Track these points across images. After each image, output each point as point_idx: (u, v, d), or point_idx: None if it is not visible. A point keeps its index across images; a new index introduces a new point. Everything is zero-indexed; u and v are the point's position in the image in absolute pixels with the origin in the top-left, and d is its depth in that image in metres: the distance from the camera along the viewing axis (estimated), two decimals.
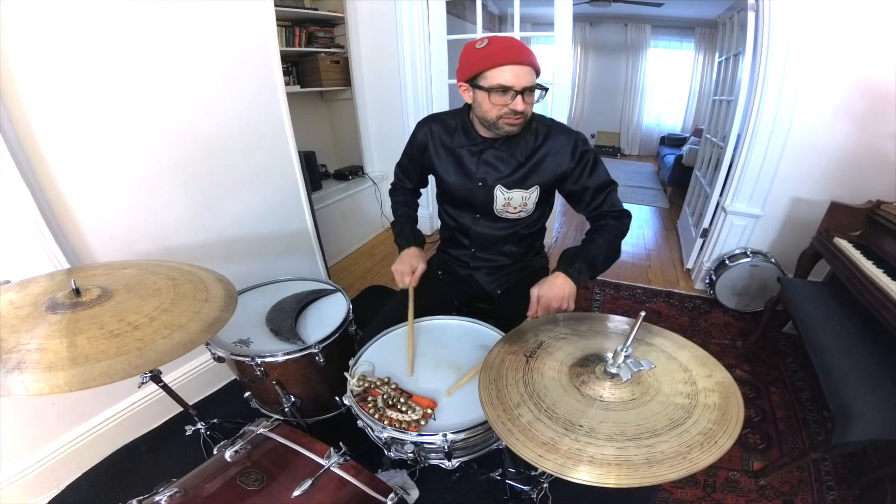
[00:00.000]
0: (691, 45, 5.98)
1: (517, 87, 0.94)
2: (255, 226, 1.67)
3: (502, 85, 0.93)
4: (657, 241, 3.26)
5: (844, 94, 1.77)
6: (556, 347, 0.80)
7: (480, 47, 0.95)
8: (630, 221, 1.12)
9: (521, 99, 0.95)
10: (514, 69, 0.93)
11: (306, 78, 2.80)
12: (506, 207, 1.15)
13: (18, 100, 1.01)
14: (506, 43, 0.94)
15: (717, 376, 0.72)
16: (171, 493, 0.71)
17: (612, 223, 1.09)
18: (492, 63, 0.93)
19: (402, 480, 1.12)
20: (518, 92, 0.94)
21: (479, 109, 1.02)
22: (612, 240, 1.08)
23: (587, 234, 1.12)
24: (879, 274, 1.28)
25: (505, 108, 0.97)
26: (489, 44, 0.95)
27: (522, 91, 0.94)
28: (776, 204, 2.08)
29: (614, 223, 1.10)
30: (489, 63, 0.94)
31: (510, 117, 0.98)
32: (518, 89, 0.94)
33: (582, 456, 0.57)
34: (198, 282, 0.92)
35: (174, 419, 1.52)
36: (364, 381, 0.89)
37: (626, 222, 1.11)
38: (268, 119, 1.63)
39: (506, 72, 0.93)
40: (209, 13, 1.34)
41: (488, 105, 0.98)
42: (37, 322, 0.72)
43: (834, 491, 1.28)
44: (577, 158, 1.08)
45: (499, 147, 1.09)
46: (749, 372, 1.79)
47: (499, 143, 1.09)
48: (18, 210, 1.04)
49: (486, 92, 0.96)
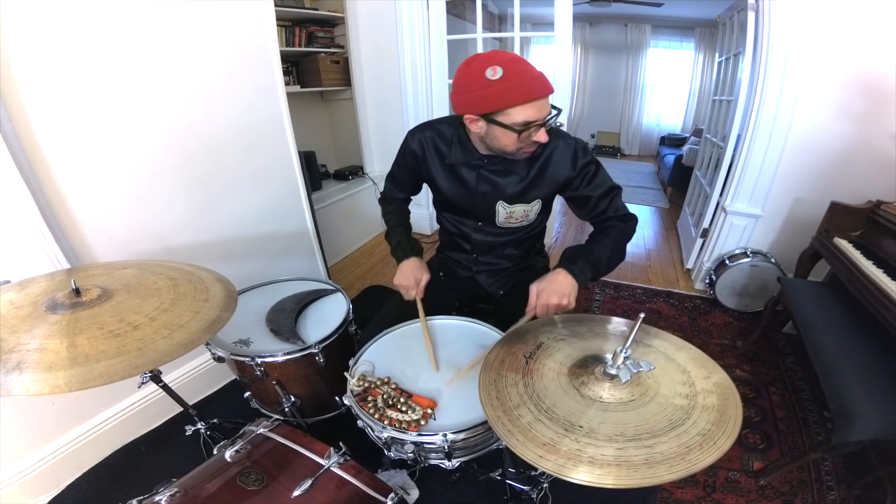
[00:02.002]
0: (691, 45, 5.97)
1: (541, 120, 0.90)
2: (255, 226, 1.67)
3: (527, 122, 0.88)
4: (657, 241, 3.26)
5: (844, 94, 1.77)
6: (555, 349, 0.80)
7: (495, 79, 0.85)
8: (636, 225, 1.10)
9: (543, 128, 0.92)
10: (537, 104, 0.88)
11: (306, 78, 2.80)
12: (508, 220, 1.14)
13: (18, 100, 1.01)
14: (524, 75, 0.86)
15: (715, 377, 0.72)
16: (171, 493, 0.71)
17: (619, 225, 1.08)
18: (514, 101, 0.86)
19: (402, 480, 1.12)
20: (541, 124, 0.91)
21: (495, 142, 0.96)
22: (617, 241, 1.06)
23: (591, 234, 1.11)
24: (879, 274, 1.28)
25: (527, 139, 0.93)
26: (505, 76, 0.85)
27: (545, 122, 0.91)
28: (776, 204, 2.07)
29: (620, 225, 1.08)
30: (511, 101, 0.86)
31: (530, 146, 0.96)
32: (542, 122, 0.91)
33: (582, 456, 0.57)
34: (198, 282, 0.92)
35: (174, 419, 1.52)
36: (364, 381, 0.89)
37: (632, 225, 1.09)
38: (268, 119, 1.63)
39: (529, 108, 0.87)
40: (209, 13, 1.34)
41: (508, 140, 0.93)
42: (37, 322, 0.72)
43: (834, 491, 1.28)
44: (578, 168, 1.05)
45: (499, 162, 1.06)
46: (749, 372, 1.79)
47: (498, 158, 1.05)
48: (18, 210, 1.04)
49: (507, 128, 0.90)
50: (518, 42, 2.47)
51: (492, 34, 4.39)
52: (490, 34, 3.90)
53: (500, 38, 4.84)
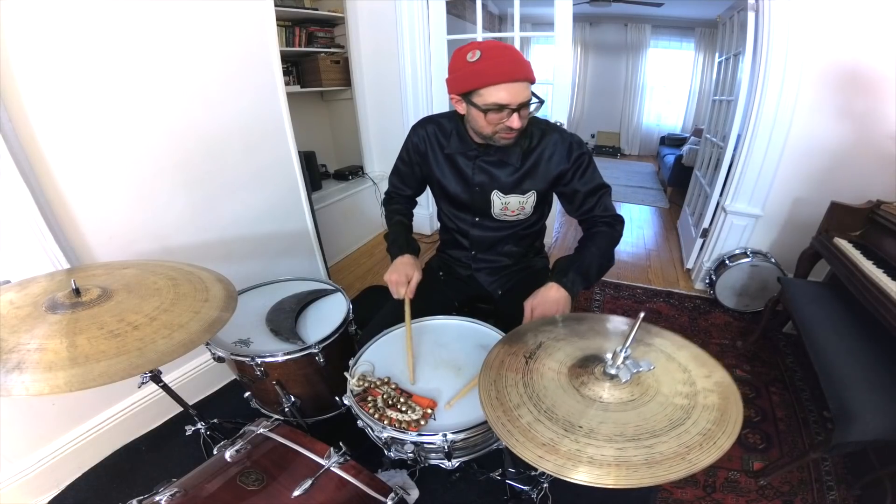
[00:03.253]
0: (691, 45, 5.97)
1: (513, 104, 0.91)
2: (254, 226, 1.67)
3: (498, 104, 0.91)
4: (657, 241, 3.26)
5: (844, 94, 1.77)
6: (555, 348, 0.80)
7: (473, 60, 0.89)
8: (623, 227, 1.11)
9: (517, 115, 0.93)
10: (509, 87, 0.89)
11: (306, 78, 2.80)
12: (503, 211, 1.15)
13: (18, 100, 1.02)
14: (500, 58, 0.89)
15: (716, 377, 0.72)
16: (171, 493, 0.71)
17: (605, 230, 1.09)
18: (486, 81, 0.89)
19: (402, 480, 1.12)
20: (514, 109, 0.92)
21: (474, 123, 1.00)
22: (606, 248, 1.08)
23: (580, 241, 1.12)
24: (879, 274, 1.28)
25: (501, 124, 0.95)
26: (482, 57, 0.89)
27: (518, 108, 0.92)
28: (776, 204, 2.08)
29: (607, 230, 1.09)
30: (483, 81, 0.89)
31: (506, 132, 0.98)
32: (514, 107, 0.91)
33: (582, 457, 0.57)
34: (198, 282, 0.92)
35: (174, 419, 1.52)
36: (364, 381, 0.89)
37: (619, 228, 1.10)
38: (268, 119, 1.63)
39: (501, 90, 0.89)
40: (209, 13, 1.34)
41: (483, 122, 0.96)
42: (37, 322, 0.72)
43: (834, 491, 1.28)
44: (572, 159, 1.07)
45: (494, 153, 1.08)
46: (749, 372, 1.79)
47: (493, 148, 1.07)
48: (18, 210, 1.04)
49: (481, 110, 0.93)
50: (518, 42, 2.46)
51: (492, 34, 4.40)
52: (490, 34, 3.91)
53: (500, 38, 4.84)
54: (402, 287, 1.09)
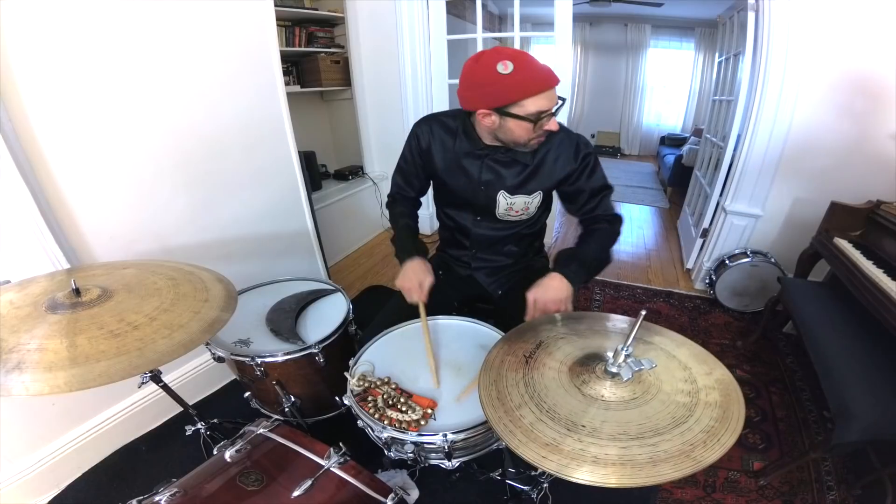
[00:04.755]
0: (691, 45, 5.97)
1: (552, 109, 0.94)
2: (254, 226, 1.67)
3: (539, 111, 0.92)
4: (657, 241, 3.26)
5: (844, 94, 1.77)
6: (555, 347, 0.80)
7: (507, 72, 0.88)
8: (622, 226, 1.12)
9: (554, 118, 0.96)
10: (548, 94, 0.92)
11: (306, 78, 2.80)
12: (508, 211, 1.14)
13: (18, 100, 1.01)
14: (533, 66, 0.90)
15: (716, 374, 0.72)
16: (171, 493, 0.71)
17: (605, 227, 1.10)
18: (528, 92, 0.90)
19: (402, 480, 1.12)
20: (553, 113, 0.95)
21: (508, 134, 0.98)
22: (605, 245, 1.09)
23: (580, 237, 1.12)
24: (879, 274, 1.28)
25: (540, 129, 0.96)
26: (517, 69, 0.88)
27: (556, 111, 0.95)
28: (776, 204, 2.08)
29: (607, 227, 1.10)
30: (525, 92, 0.90)
31: (542, 136, 0.99)
32: (553, 111, 0.94)
33: (585, 456, 0.57)
34: (198, 282, 0.91)
35: (174, 419, 1.52)
36: (364, 381, 0.89)
37: (618, 227, 1.12)
38: (268, 119, 1.63)
39: (542, 98, 0.91)
40: (209, 13, 1.34)
41: (522, 131, 0.96)
42: (37, 322, 0.72)
43: (834, 491, 1.28)
44: (580, 160, 1.07)
45: (502, 152, 1.08)
46: (749, 372, 1.79)
47: (502, 148, 1.07)
48: (18, 210, 1.04)
49: (521, 119, 0.93)
50: (518, 42, 2.47)
51: (492, 34, 4.39)
52: (490, 34, 3.90)
53: (500, 38, 4.83)
54: (415, 293, 1.08)
